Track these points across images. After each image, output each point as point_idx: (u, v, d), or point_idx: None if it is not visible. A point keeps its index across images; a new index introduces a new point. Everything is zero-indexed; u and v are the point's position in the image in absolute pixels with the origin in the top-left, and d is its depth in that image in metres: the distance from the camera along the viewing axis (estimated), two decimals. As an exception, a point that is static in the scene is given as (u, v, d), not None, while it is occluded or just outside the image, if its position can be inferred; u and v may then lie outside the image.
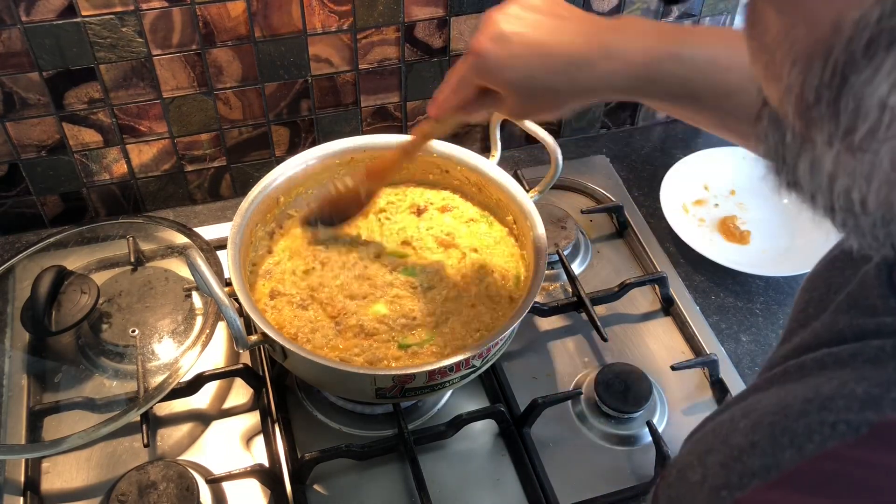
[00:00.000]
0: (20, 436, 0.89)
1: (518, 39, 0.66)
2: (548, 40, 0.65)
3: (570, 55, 0.64)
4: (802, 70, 0.31)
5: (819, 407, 0.36)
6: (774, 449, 0.36)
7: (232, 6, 0.99)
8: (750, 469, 0.37)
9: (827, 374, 0.39)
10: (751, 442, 0.38)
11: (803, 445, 0.35)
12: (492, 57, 0.67)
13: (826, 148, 0.31)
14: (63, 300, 0.93)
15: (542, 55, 0.65)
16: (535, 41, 0.65)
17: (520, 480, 0.89)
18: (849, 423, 0.35)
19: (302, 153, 0.98)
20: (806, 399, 0.37)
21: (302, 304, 0.89)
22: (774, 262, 1.11)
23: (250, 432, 0.92)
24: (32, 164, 1.06)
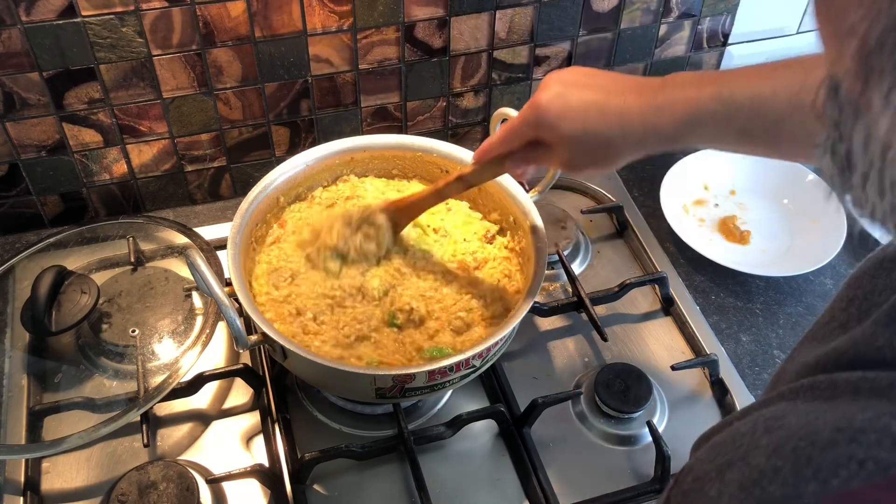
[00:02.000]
0: (20, 436, 0.89)
1: (575, 96, 0.72)
2: (601, 98, 0.71)
3: (623, 109, 0.70)
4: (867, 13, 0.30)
5: (849, 439, 0.35)
6: (797, 480, 0.35)
7: (232, 6, 0.99)
8: (770, 497, 0.36)
9: (861, 402, 0.38)
10: (773, 466, 0.37)
11: (828, 480, 0.34)
12: (551, 110, 0.72)
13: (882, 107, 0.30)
14: (63, 300, 0.93)
15: (598, 110, 0.71)
16: (591, 99, 0.71)
17: (520, 480, 0.89)
18: (878, 461, 0.33)
19: (302, 153, 0.98)
20: (836, 428, 0.36)
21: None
22: (774, 262, 1.11)
23: (250, 432, 0.92)
24: (32, 164, 1.06)
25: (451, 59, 1.14)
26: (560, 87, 0.72)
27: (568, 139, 0.72)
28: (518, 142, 0.78)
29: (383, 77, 1.13)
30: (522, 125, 0.76)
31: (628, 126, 0.70)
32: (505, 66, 1.18)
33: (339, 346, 0.85)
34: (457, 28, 1.11)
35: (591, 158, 0.74)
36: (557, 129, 0.72)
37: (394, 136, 1.03)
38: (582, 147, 0.72)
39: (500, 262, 0.95)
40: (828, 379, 0.41)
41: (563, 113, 0.72)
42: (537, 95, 0.74)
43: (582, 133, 0.71)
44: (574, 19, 1.15)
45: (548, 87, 0.73)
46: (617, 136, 0.71)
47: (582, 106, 0.71)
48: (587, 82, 0.73)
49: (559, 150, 0.75)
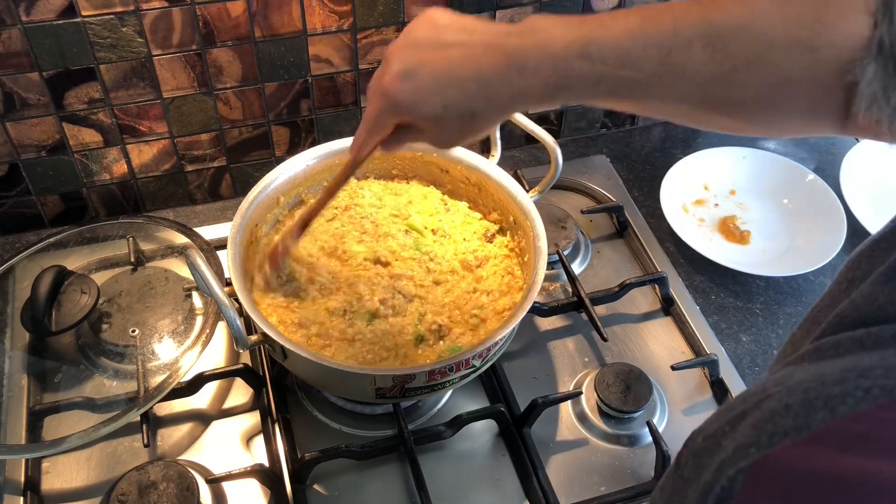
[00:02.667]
0: (20, 436, 0.89)
1: (424, 72, 0.64)
2: (454, 66, 0.63)
3: (481, 76, 0.62)
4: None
5: (857, 375, 0.37)
6: (808, 411, 0.37)
7: (232, 6, 0.99)
8: (781, 428, 0.37)
9: (867, 352, 0.40)
10: (784, 405, 0.38)
11: (836, 407, 0.36)
12: (402, 95, 0.65)
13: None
14: (63, 300, 0.93)
15: (453, 83, 0.63)
16: (442, 70, 0.63)
17: (520, 480, 0.89)
18: (883, 387, 0.35)
19: (302, 153, 0.98)
20: (844, 369, 0.38)
21: None
22: (774, 262, 1.11)
23: (250, 432, 0.92)
24: (32, 164, 1.06)
25: (451, 59, 1.14)
26: (405, 64, 0.64)
27: (430, 120, 0.65)
28: (386, 129, 0.70)
29: (383, 77, 1.13)
30: (381, 114, 0.69)
31: (492, 94, 0.62)
32: (505, 66, 1.18)
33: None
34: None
35: (460, 131, 0.67)
36: (416, 113, 0.65)
37: (394, 136, 1.02)
38: (447, 123, 0.65)
39: (501, 259, 0.95)
40: (830, 341, 0.43)
41: (417, 96, 0.64)
42: (383, 79, 0.66)
43: (443, 111, 0.64)
44: (574, 19, 1.15)
45: (391, 66, 0.65)
46: (481, 107, 0.63)
47: (435, 83, 0.63)
48: (435, 44, 0.64)
49: (426, 131, 0.68)
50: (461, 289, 0.92)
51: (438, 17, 0.66)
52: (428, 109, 0.65)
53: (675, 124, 1.33)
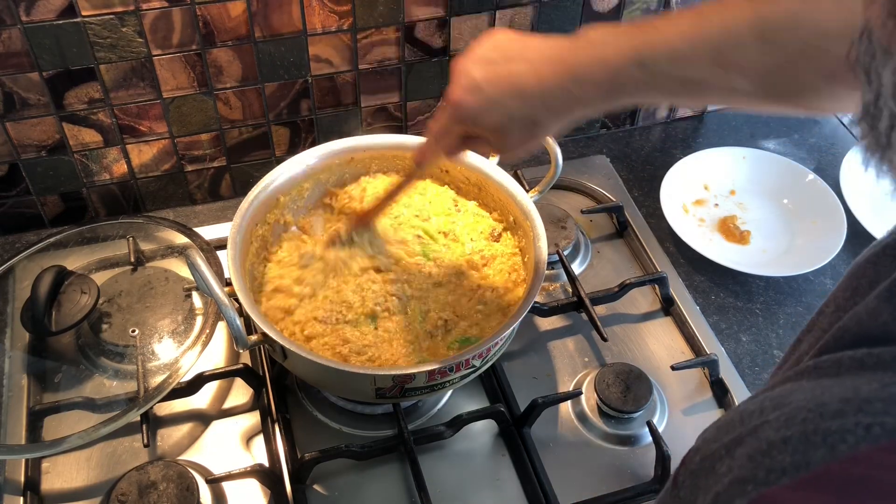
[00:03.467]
0: (20, 436, 0.89)
1: (490, 85, 0.69)
2: (518, 80, 0.68)
3: (542, 88, 0.67)
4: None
5: (856, 408, 0.36)
6: (806, 447, 0.36)
7: (232, 6, 0.99)
8: (779, 465, 0.36)
9: (867, 374, 0.39)
10: (782, 437, 0.37)
11: (835, 446, 0.35)
12: (469, 106, 0.70)
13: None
14: (63, 300, 0.93)
15: (516, 95, 0.68)
16: (506, 83, 0.69)
17: (520, 480, 0.89)
18: (884, 426, 0.34)
19: (302, 153, 0.98)
20: (843, 398, 0.37)
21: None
22: (774, 262, 1.11)
23: (250, 432, 0.92)
24: (32, 164, 1.06)
25: (451, 59, 1.14)
26: (470, 79, 0.70)
27: (494, 129, 0.71)
28: (452, 138, 0.76)
29: (383, 77, 1.13)
30: (449, 123, 0.74)
31: (551, 103, 0.67)
32: (505, 66, 1.18)
33: None
34: (457, 28, 1.11)
35: (521, 139, 0.72)
36: (483, 123, 0.71)
37: (394, 136, 1.03)
38: (510, 132, 0.71)
39: (507, 257, 0.95)
40: (830, 359, 0.42)
41: (483, 107, 0.70)
42: (452, 91, 0.71)
43: (507, 121, 0.70)
44: (574, 19, 1.15)
45: (458, 79, 0.71)
46: (542, 115, 0.69)
47: (499, 95, 0.69)
48: (499, 59, 0.69)
49: (490, 140, 0.74)
50: (465, 287, 0.92)
51: (502, 36, 0.72)
52: (493, 119, 0.70)
53: (675, 124, 1.33)
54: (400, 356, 0.85)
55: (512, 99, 0.68)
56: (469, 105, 0.70)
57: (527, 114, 0.69)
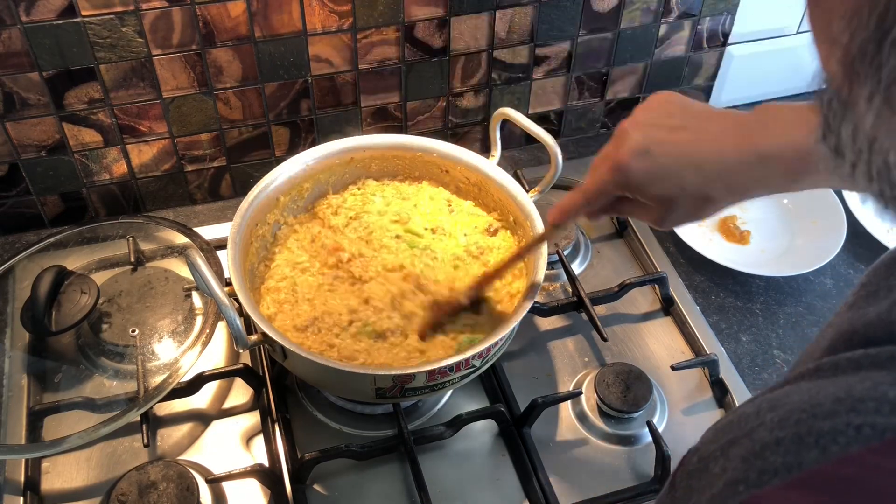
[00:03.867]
0: (20, 436, 0.89)
1: (662, 151, 0.64)
2: (694, 150, 0.63)
3: (722, 163, 0.62)
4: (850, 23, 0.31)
5: (848, 408, 0.36)
6: (798, 448, 0.36)
7: (232, 6, 0.99)
8: (771, 466, 0.36)
9: (862, 374, 0.39)
10: (775, 438, 0.37)
11: (827, 447, 0.35)
12: (638, 173, 0.65)
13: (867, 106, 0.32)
14: (63, 300, 0.93)
15: (693, 166, 0.63)
16: (680, 152, 0.64)
17: (520, 480, 0.89)
18: (874, 426, 0.34)
19: (302, 153, 0.98)
20: (836, 398, 0.37)
21: None
22: (774, 262, 1.11)
23: (250, 432, 0.92)
24: (32, 164, 1.06)
25: (451, 59, 1.14)
26: (642, 141, 0.65)
27: (662, 200, 0.66)
28: (603, 202, 0.71)
29: (383, 77, 1.13)
30: (608, 187, 0.68)
31: (731, 181, 0.63)
32: (505, 66, 1.18)
33: None
34: (457, 28, 1.11)
35: (688, 214, 0.67)
36: (649, 192, 0.66)
37: (394, 136, 1.03)
38: (679, 206, 0.66)
39: (504, 251, 0.95)
40: (830, 360, 0.42)
41: (654, 175, 0.64)
42: (618, 153, 0.66)
43: (679, 194, 0.64)
44: (574, 19, 1.15)
45: (626, 141, 0.65)
46: (719, 192, 0.64)
47: (674, 165, 0.64)
48: (670, 125, 0.65)
49: (652, 209, 0.68)
50: (462, 280, 0.92)
51: (670, 97, 0.67)
52: (663, 190, 0.65)
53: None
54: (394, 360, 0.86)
55: (687, 170, 0.63)
56: (638, 170, 0.65)
57: (701, 189, 0.64)
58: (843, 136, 0.34)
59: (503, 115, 0.97)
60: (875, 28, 0.30)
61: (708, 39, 1.27)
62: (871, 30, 0.30)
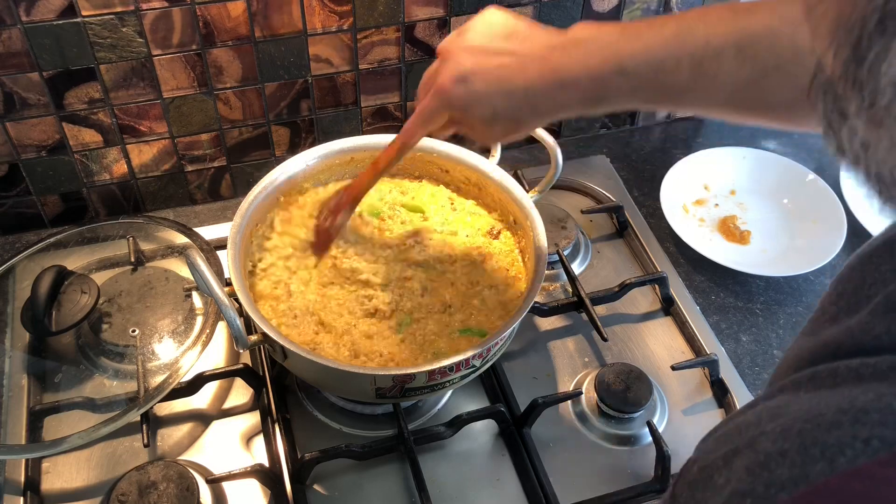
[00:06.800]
0: (20, 436, 0.89)
1: (478, 79, 0.70)
2: (504, 76, 0.70)
3: (528, 89, 0.69)
4: (832, 41, 0.32)
5: (852, 420, 0.35)
6: (804, 460, 0.35)
7: (232, 6, 0.99)
8: (778, 479, 0.36)
9: (863, 385, 0.38)
10: (780, 450, 0.37)
11: (835, 459, 0.35)
12: (456, 98, 0.72)
13: (857, 118, 0.32)
14: (63, 300, 0.93)
15: (503, 93, 0.70)
16: (493, 79, 0.70)
17: (520, 480, 0.89)
18: (882, 439, 0.34)
19: (302, 153, 0.98)
20: (840, 409, 0.36)
21: None
22: (774, 262, 1.11)
23: (250, 432, 0.92)
24: (32, 164, 1.06)
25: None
26: (461, 68, 0.71)
27: (478, 122, 0.73)
28: (436, 124, 0.78)
29: (383, 77, 1.13)
30: (435, 110, 0.75)
31: (535, 104, 0.69)
32: (505, 66, 1.18)
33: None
34: (457, 28, 1.10)
35: (503, 134, 0.74)
36: (467, 115, 0.73)
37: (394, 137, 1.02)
38: (494, 127, 0.73)
39: (506, 254, 0.95)
40: (828, 368, 0.42)
41: (470, 100, 0.71)
42: (441, 78, 0.72)
43: (491, 116, 0.71)
44: (574, 19, 1.15)
45: (448, 66, 0.72)
46: (526, 115, 0.71)
47: (486, 90, 0.70)
48: (489, 50, 0.71)
49: (473, 129, 0.75)
50: (463, 279, 0.92)
51: (494, 18, 0.73)
52: (478, 113, 0.72)
53: (675, 124, 1.33)
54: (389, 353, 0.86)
55: (498, 96, 0.70)
56: (456, 96, 0.71)
57: (511, 112, 0.70)
58: (842, 138, 0.34)
59: None
60: (852, 51, 0.31)
61: (708, 39, 1.26)
62: (849, 52, 0.31)
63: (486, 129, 0.73)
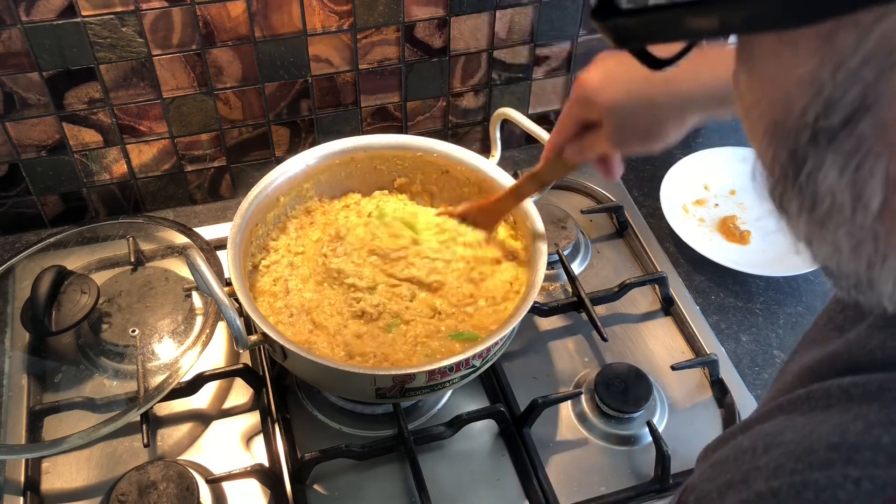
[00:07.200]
0: (20, 436, 0.89)
1: (618, 67, 0.69)
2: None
3: (671, 72, 0.66)
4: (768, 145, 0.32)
5: (844, 459, 0.35)
6: (797, 502, 0.35)
7: (232, 6, 0.99)
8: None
9: (854, 409, 0.38)
10: (771, 490, 0.37)
11: (828, 502, 0.34)
12: (592, 82, 0.70)
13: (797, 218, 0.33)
14: (63, 300, 0.93)
15: (642, 76, 0.66)
16: (635, 68, 0.68)
17: (520, 480, 0.89)
18: (873, 479, 0.34)
19: (302, 153, 0.98)
20: (830, 445, 0.36)
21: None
22: (774, 262, 1.11)
23: (250, 432, 0.92)
24: (32, 164, 1.06)
25: (451, 59, 1.14)
26: (604, 61, 0.70)
27: (611, 109, 0.69)
28: (570, 125, 0.75)
29: (383, 77, 1.13)
30: (570, 106, 0.74)
31: (674, 84, 0.66)
32: (505, 66, 1.18)
33: None
34: (457, 28, 1.11)
35: (635, 128, 0.70)
36: (600, 99, 0.69)
37: (394, 136, 1.03)
38: (624, 114, 0.69)
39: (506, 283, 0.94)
40: (821, 388, 0.41)
41: (605, 82, 0.69)
42: (580, 76, 0.72)
43: (624, 98, 0.68)
44: (574, 19, 1.15)
45: (592, 65, 0.72)
46: (661, 96, 0.67)
47: (625, 73, 0.68)
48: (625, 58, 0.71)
49: (606, 125, 0.71)
50: (462, 288, 0.92)
51: None
52: (610, 94, 0.69)
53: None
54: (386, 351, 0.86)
55: (635, 78, 0.67)
56: (590, 80, 0.70)
57: (646, 93, 0.67)
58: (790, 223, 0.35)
59: (503, 116, 0.97)
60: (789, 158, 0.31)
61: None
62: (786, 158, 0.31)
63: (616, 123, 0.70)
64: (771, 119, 0.32)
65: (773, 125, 0.32)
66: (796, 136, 0.30)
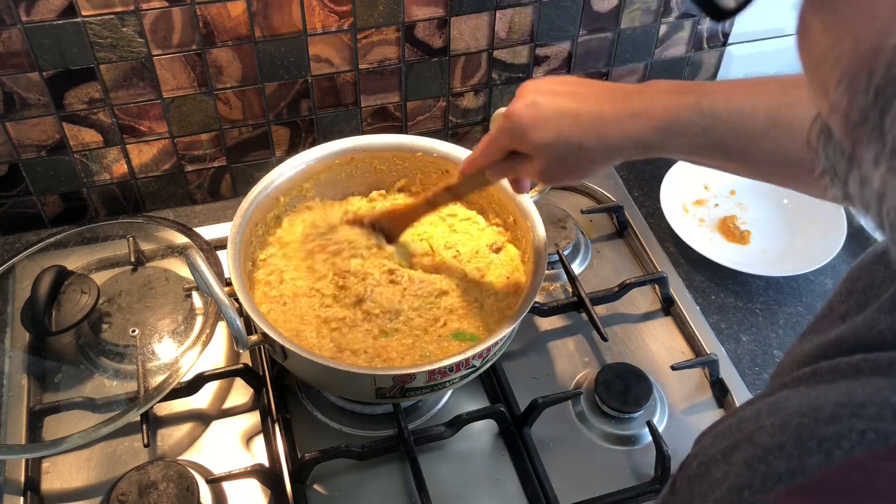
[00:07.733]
0: (20, 436, 0.89)
1: (549, 104, 0.71)
2: (576, 104, 0.70)
3: (597, 114, 0.69)
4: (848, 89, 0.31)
5: (850, 413, 0.36)
6: (801, 453, 0.36)
7: (232, 6, 0.99)
8: (775, 472, 0.36)
9: (862, 379, 0.38)
10: (777, 443, 0.37)
11: (831, 452, 0.35)
12: (524, 119, 0.72)
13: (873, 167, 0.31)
14: (63, 300, 0.93)
15: (571, 116, 0.70)
16: (565, 107, 0.70)
17: (520, 480, 0.89)
18: (878, 431, 0.34)
19: (302, 153, 0.98)
20: (838, 403, 0.37)
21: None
22: (774, 262, 1.11)
23: (250, 432, 0.92)
24: (32, 164, 1.06)
25: (451, 59, 1.14)
26: (534, 96, 0.72)
27: (542, 147, 0.72)
28: (497, 152, 0.77)
29: (383, 77, 1.13)
30: (499, 135, 0.76)
31: (603, 132, 0.69)
32: (505, 66, 1.18)
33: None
34: (457, 28, 1.11)
35: (565, 167, 0.73)
36: (531, 137, 0.72)
37: (394, 136, 1.03)
38: (555, 154, 0.72)
39: (505, 265, 0.95)
40: (828, 365, 0.42)
41: (536, 121, 0.71)
42: (511, 105, 0.73)
43: (555, 140, 0.70)
44: (574, 19, 1.15)
45: (522, 97, 0.73)
46: (591, 142, 0.70)
47: (556, 114, 0.70)
48: (562, 90, 0.72)
49: (535, 160, 0.74)
50: (462, 288, 0.92)
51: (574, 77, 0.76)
52: (542, 136, 0.71)
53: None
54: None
55: (565, 118, 0.70)
56: (523, 116, 0.71)
57: (576, 137, 0.70)
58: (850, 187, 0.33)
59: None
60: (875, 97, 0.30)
61: (708, 39, 1.27)
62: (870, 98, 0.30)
63: (548, 156, 0.72)
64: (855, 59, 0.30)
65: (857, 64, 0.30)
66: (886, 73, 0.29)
